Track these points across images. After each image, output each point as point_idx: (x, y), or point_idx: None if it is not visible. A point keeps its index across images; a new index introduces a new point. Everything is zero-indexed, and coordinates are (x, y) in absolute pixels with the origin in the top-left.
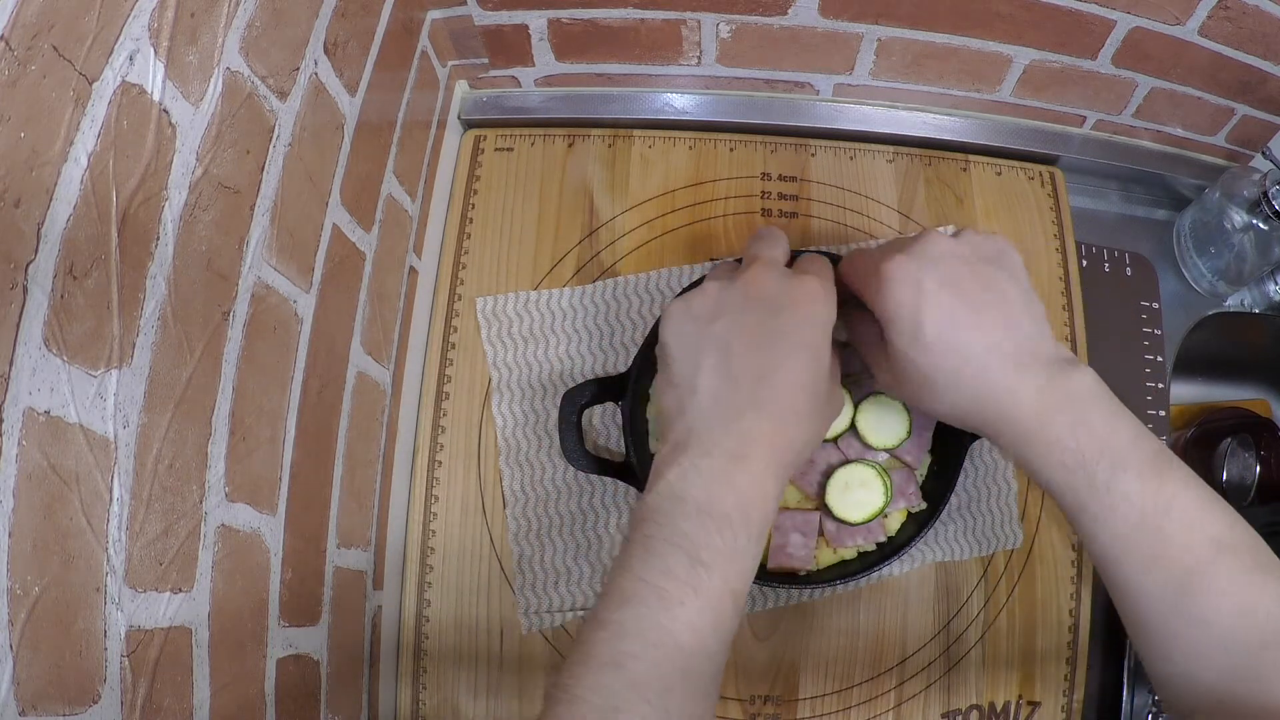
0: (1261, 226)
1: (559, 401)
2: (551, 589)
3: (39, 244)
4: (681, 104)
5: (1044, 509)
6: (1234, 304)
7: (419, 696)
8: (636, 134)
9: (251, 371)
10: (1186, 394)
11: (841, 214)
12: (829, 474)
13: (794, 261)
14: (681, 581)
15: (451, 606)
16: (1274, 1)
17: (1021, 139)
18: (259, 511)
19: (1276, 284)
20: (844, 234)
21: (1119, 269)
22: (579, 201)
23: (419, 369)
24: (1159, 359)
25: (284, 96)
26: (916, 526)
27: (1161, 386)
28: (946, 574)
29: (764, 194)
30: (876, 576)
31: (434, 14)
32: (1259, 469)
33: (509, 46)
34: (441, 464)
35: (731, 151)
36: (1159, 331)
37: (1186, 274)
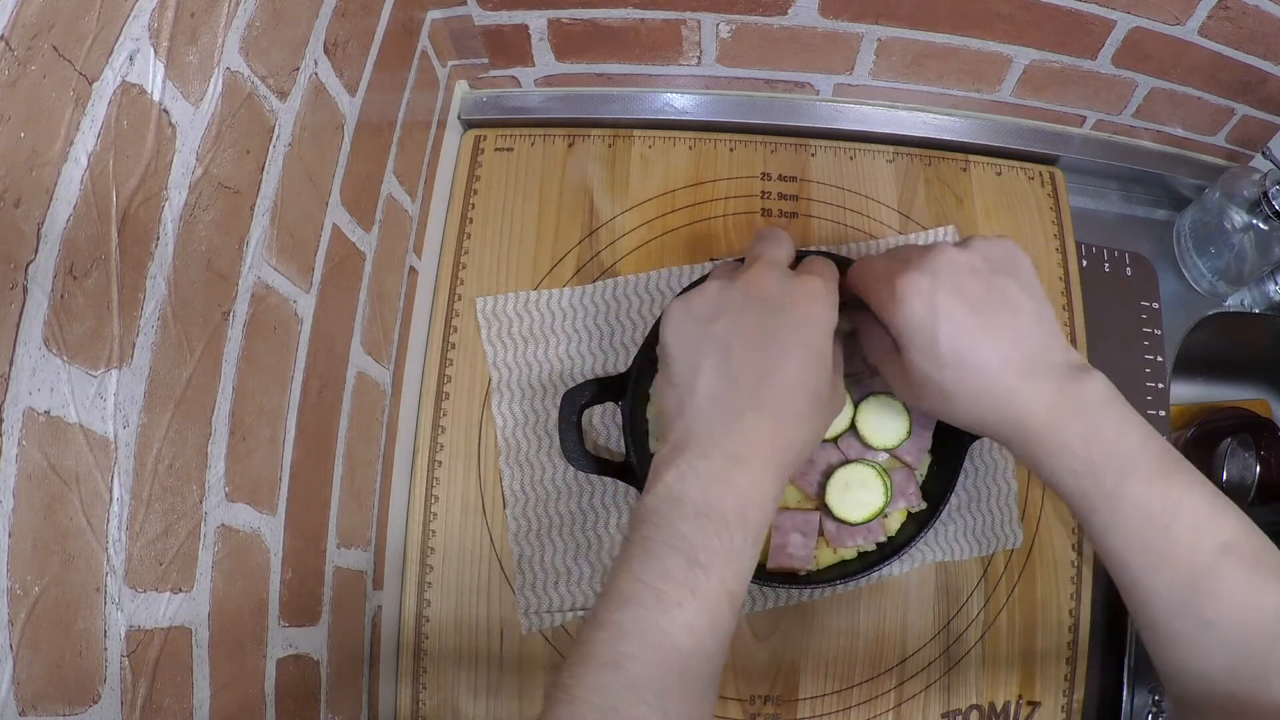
0: (1261, 226)
1: (559, 401)
2: (551, 589)
3: (39, 244)
4: (681, 104)
5: (1044, 509)
6: (1234, 304)
7: (419, 696)
8: (636, 134)
9: (251, 371)
10: (1186, 394)
11: (841, 214)
12: (829, 474)
13: (798, 262)
14: (679, 583)
15: (451, 606)
16: (1274, 1)
17: (1021, 139)
18: (259, 511)
19: (1276, 284)
20: (844, 234)
21: (1119, 269)
22: (579, 201)
23: (419, 369)
24: (1159, 359)
25: (284, 96)
26: (916, 526)
27: (1161, 386)
28: (946, 574)
29: (764, 194)
30: (876, 576)
31: (434, 14)
32: (1259, 469)
33: (509, 46)
34: (441, 464)
35: (731, 151)
36: (1159, 331)
37: (1186, 274)
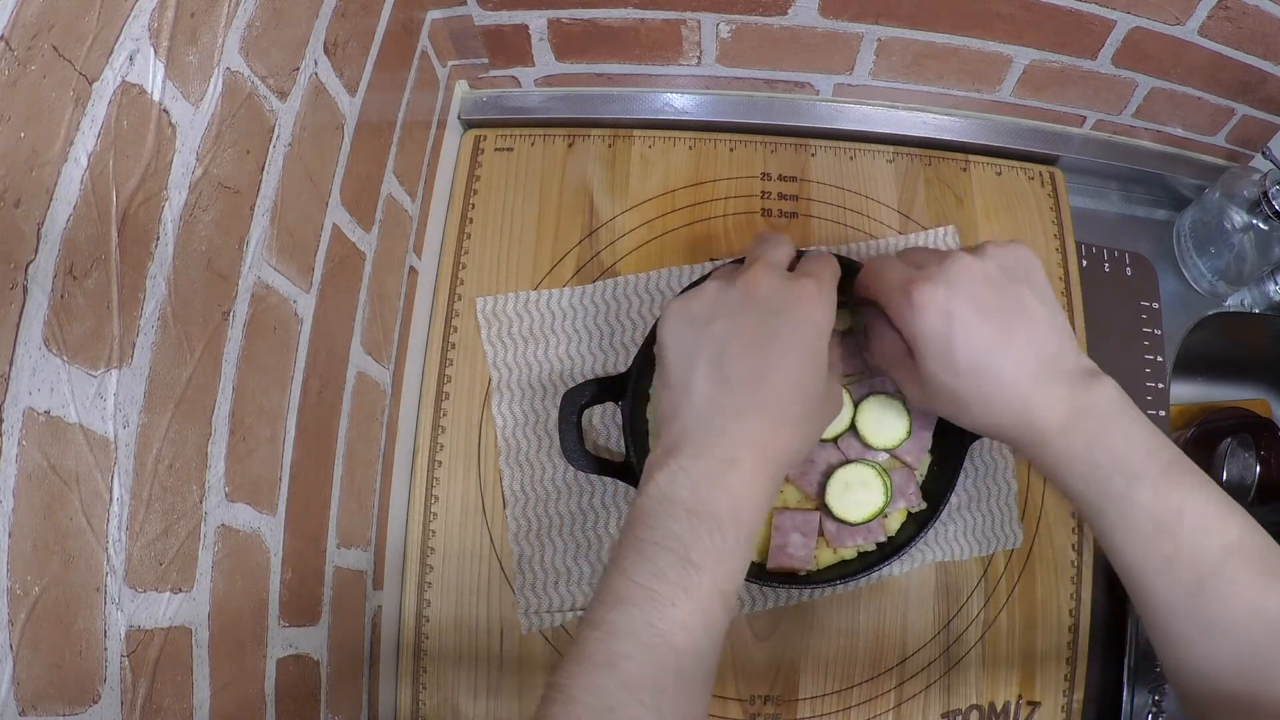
0: (1261, 226)
1: (559, 401)
2: (551, 589)
3: (39, 244)
4: (681, 104)
5: (1044, 509)
6: (1234, 304)
7: (419, 696)
8: (636, 134)
9: (251, 371)
10: (1186, 394)
11: (841, 214)
12: (829, 474)
13: (798, 260)
14: (672, 583)
15: (451, 606)
16: (1274, 1)
17: (1021, 139)
18: (259, 511)
19: (1276, 284)
20: (844, 234)
21: (1119, 269)
22: (579, 201)
23: (419, 369)
24: (1159, 359)
25: (284, 96)
26: (916, 526)
27: (1161, 386)
28: (946, 574)
29: (764, 194)
30: (876, 576)
31: (434, 14)
32: (1259, 469)
33: (509, 46)
34: (441, 464)
35: (731, 151)
36: (1159, 331)
37: (1186, 274)
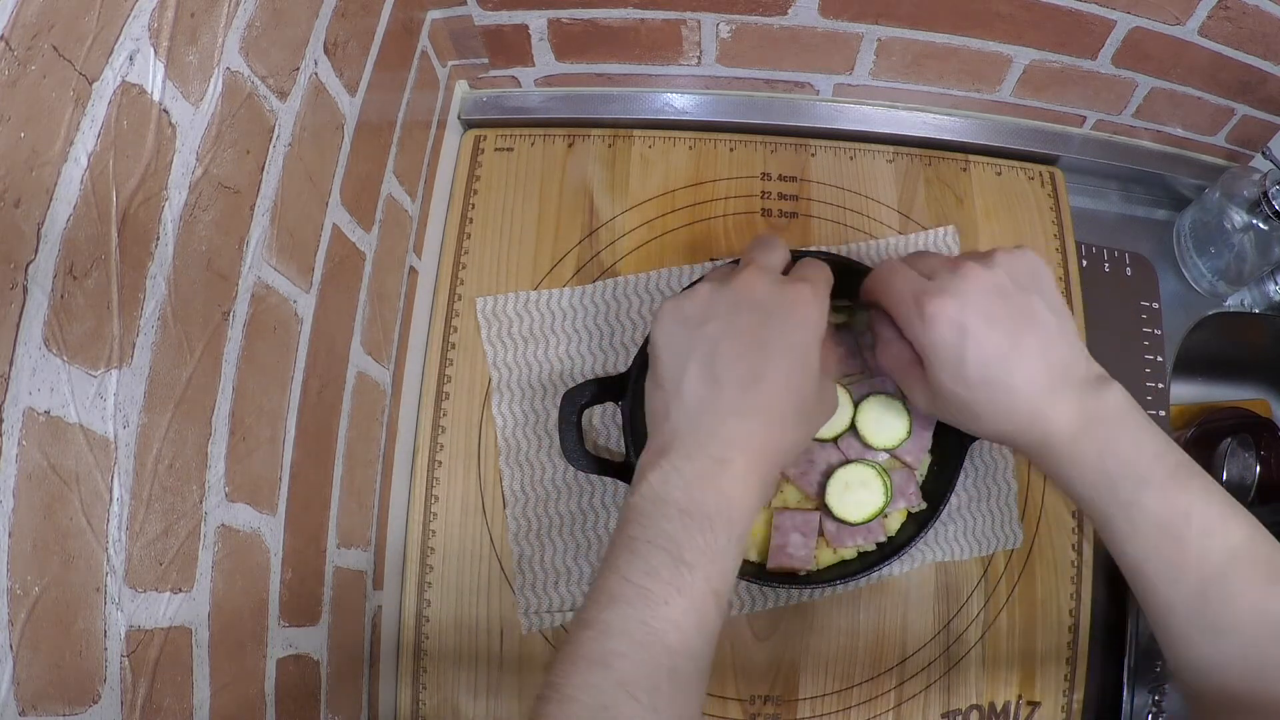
0: (1261, 226)
1: (559, 401)
2: (551, 589)
3: (39, 244)
4: (681, 104)
5: (1044, 509)
6: (1234, 304)
7: (419, 696)
8: (636, 134)
9: (251, 371)
10: (1186, 394)
11: (841, 214)
12: (829, 474)
13: (795, 263)
14: (665, 582)
15: (451, 606)
16: (1274, 1)
17: (1021, 139)
18: (259, 511)
19: (1276, 284)
20: (844, 234)
21: (1119, 269)
22: (579, 201)
23: (419, 369)
24: (1159, 359)
25: (284, 96)
26: (916, 526)
27: (1161, 386)
28: (946, 574)
29: (764, 194)
30: (876, 576)
31: (434, 14)
32: (1259, 469)
33: (509, 46)
34: (441, 464)
35: (731, 151)
36: (1159, 331)
37: (1186, 274)
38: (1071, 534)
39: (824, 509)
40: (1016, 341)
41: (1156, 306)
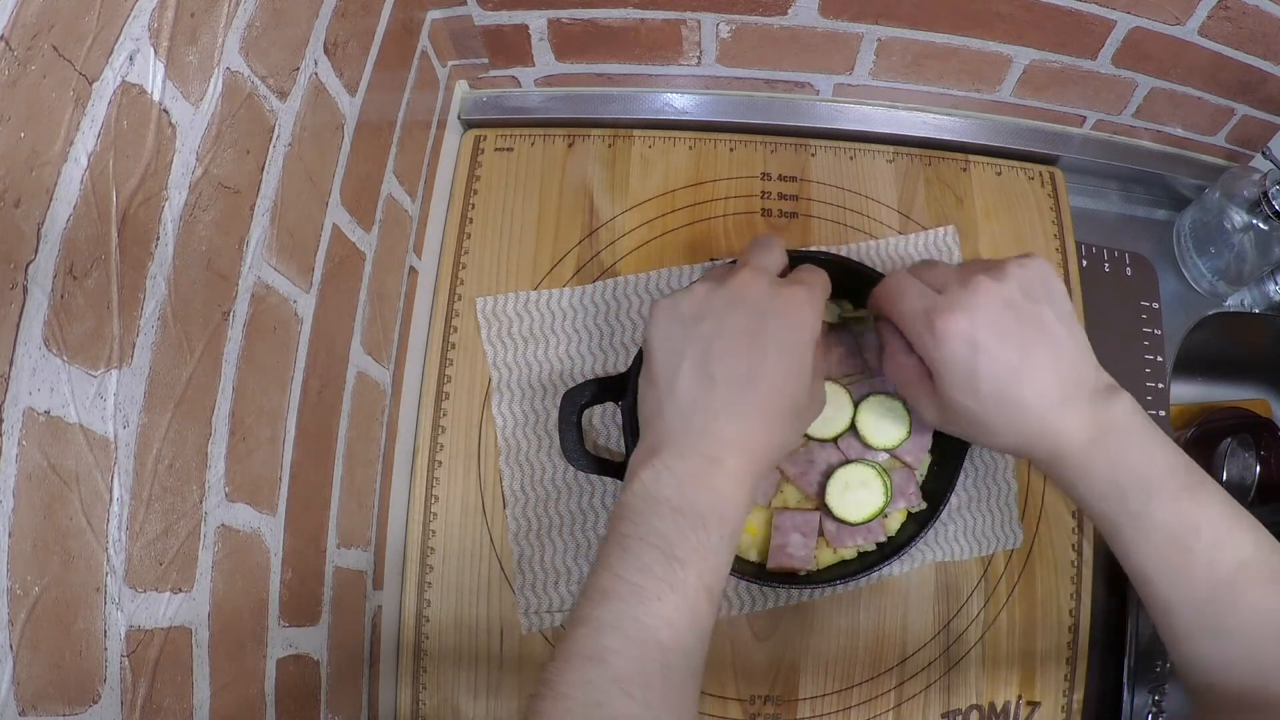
0: (1261, 226)
1: (559, 401)
2: (551, 589)
3: (39, 244)
4: (681, 104)
5: (1044, 509)
6: (1234, 304)
7: (419, 696)
8: (636, 134)
9: (251, 371)
10: (1186, 394)
11: (841, 214)
12: (829, 474)
13: (796, 266)
14: (658, 578)
15: (451, 606)
16: (1274, 1)
17: (1021, 139)
18: (259, 511)
19: (1276, 284)
20: (844, 234)
21: (1119, 269)
22: (579, 201)
23: (419, 369)
24: (1159, 359)
25: (284, 96)
26: (916, 526)
27: (1161, 386)
28: (946, 574)
29: (764, 194)
30: (876, 576)
31: (434, 14)
32: (1259, 469)
33: (509, 46)
34: (441, 464)
35: (731, 151)
36: (1159, 331)
37: (1186, 274)
38: (1071, 534)
39: (824, 509)
40: (1027, 355)
41: (1156, 306)
